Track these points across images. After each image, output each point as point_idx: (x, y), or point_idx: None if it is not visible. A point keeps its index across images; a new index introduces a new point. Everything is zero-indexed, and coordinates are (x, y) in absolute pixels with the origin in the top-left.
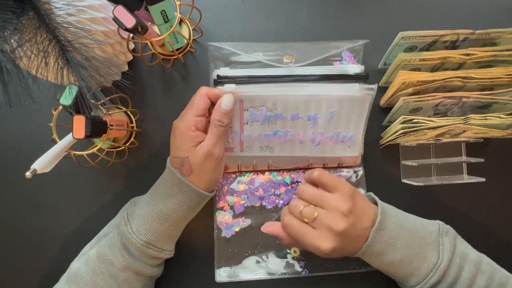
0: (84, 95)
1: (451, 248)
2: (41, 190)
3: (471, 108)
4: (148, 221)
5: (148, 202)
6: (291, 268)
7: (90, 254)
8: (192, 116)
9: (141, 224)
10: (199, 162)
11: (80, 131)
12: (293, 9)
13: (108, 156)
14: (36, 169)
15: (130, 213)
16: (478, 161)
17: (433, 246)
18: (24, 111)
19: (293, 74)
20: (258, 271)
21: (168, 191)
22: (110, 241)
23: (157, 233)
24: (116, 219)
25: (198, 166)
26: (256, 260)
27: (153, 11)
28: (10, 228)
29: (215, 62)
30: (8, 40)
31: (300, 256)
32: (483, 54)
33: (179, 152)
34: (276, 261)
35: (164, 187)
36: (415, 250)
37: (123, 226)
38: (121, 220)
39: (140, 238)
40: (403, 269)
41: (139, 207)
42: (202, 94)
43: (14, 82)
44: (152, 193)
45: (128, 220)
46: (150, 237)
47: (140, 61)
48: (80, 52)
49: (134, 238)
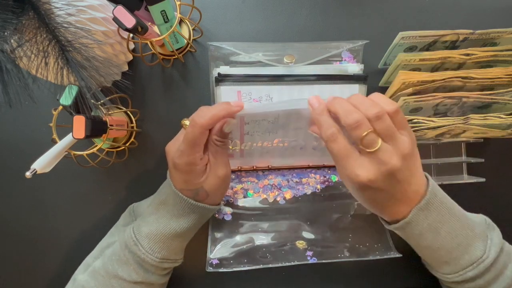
0: (84, 95)
1: (500, 245)
2: (41, 190)
3: (471, 108)
4: (161, 239)
5: (157, 220)
6: (297, 256)
7: (97, 267)
8: (193, 154)
9: (154, 243)
10: (214, 187)
11: (80, 131)
12: (293, 9)
13: (108, 156)
14: (36, 169)
15: (137, 230)
16: (478, 161)
17: (480, 239)
18: (24, 111)
19: (293, 73)
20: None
21: (180, 212)
22: (119, 257)
23: (170, 248)
24: (119, 231)
25: (214, 190)
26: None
27: (153, 11)
28: (10, 228)
29: (215, 62)
30: (8, 40)
31: (307, 246)
32: (483, 54)
33: (190, 186)
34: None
35: (173, 206)
36: (459, 239)
37: (134, 246)
38: (130, 239)
39: (155, 256)
40: (438, 256)
41: (146, 224)
42: (199, 127)
43: (14, 82)
44: (159, 209)
45: (138, 240)
46: (164, 253)
47: (140, 61)
48: (80, 52)
49: (149, 257)
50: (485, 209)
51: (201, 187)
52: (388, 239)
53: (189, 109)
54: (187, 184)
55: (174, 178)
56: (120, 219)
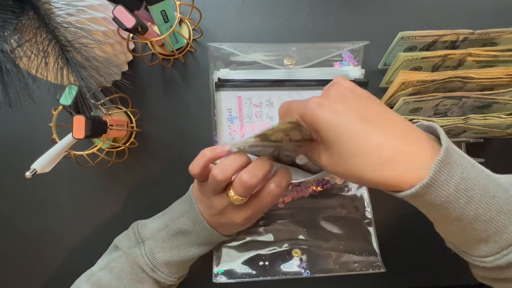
0: (84, 95)
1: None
2: (41, 190)
3: (471, 108)
4: (181, 265)
5: (176, 248)
6: (293, 268)
7: (102, 281)
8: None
9: (172, 268)
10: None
11: (80, 131)
12: (293, 9)
13: (108, 156)
14: (36, 169)
15: (151, 256)
16: (478, 161)
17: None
18: (24, 111)
19: (294, 78)
20: (257, 270)
21: (204, 241)
22: (131, 277)
23: (186, 267)
24: (126, 253)
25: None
26: (256, 257)
27: (153, 11)
28: (10, 228)
29: (215, 62)
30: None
31: (302, 256)
32: (483, 53)
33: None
34: (278, 261)
35: (197, 236)
36: (498, 203)
37: (152, 272)
38: (145, 265)
39: (174, 277)
40: (473, 230)
41: (161, 251)
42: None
43: (14, 82)
44: (177, 237)
45: (155, 267)
46: (181, 273)
47: (140, 61)
48: (80, 52)
49: (169, 279)
50: None
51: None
52: (376, 250)
53: (189, 109)
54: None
55: (210, 216)
56: (122, 237)
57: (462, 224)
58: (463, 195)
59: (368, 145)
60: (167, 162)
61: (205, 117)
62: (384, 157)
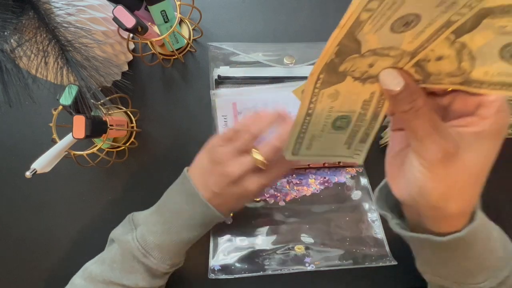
0: (84, 95)
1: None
2: (41, 190)
3: None
4: (171, 250)
5: (168, 231)
6: (296, 262)
7: (93, 273)
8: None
9: (165, 254)
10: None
11: (80, 131)
12: (293, 9)
13: (108, 156)
14: (36, 169)
15: (142, 240)
16: None
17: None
18: (24, 111)
19: (293, 75)
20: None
21: (196, 223)
22: (123, 266)
23: (179, 254)
24: (119, 240)
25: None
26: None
27: (153, 11)
28: (10, 227)
29: (215, 62)
30: (8, 40)
31: (305, 251)
32: None
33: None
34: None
35: (190, 218)
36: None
37: (144, 258)
38: (137, 250)
39: (167, 264)
40: (485, 260)
41: (152, 234)
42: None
43: (14, 82)
44: (170, 219)
45: (147, 251)
46: (174, 260)
47: (140, 61)
48: (80, 52)
49: (161, 266)
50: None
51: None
52: (385, 243)
53: (189, 109)
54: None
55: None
56: (118, 227)
57: (479, 258)
58: (487, 234)
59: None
60: (167, 162)
61: (205, 117)
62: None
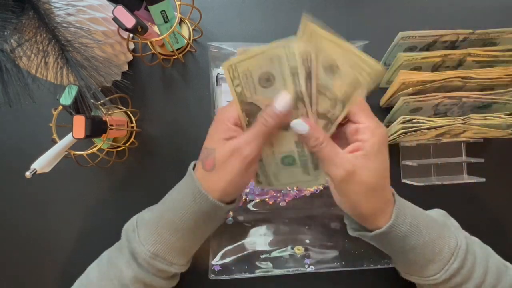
0: (84, 95)
1: (459, 228)
2: (41, 190)
3: (471, 108)
4: (156, 230)
5: (159, 209)
6: (296, 263)
7: (103, 255)
8: (237, 109)
9: (149, 233)
10: (223, 157)
11: (80, 131)
12: (293, 9)
13: (108, 156)
14: (36, 169)
15: (141, 217)
16: (478, 161)
17: (446, 228)
18: (24, 111)
19: None
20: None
21: (181, 197)
22: (119, 244)
23: (166, 244)
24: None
25: (221, 162)
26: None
27: (153, 11)
28: (10, 227)
29: (215, 62)
30: (8, 40)
31: (305, 253)
32: (483, 53)
33: (209, 142)
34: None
35: (178, 193)
36: (436, 231)
37: (131, 232)
38: (130, 224)
39: (147, 249)
40: (425, 254)
41: (150, 213)
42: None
43: (14, 82)
44: (166, 199)
45: (137, 226)
46: (158, 248)
47: (140, 61)
48: (80, 52)
49: (141, 248)
50: (485, 209)
51: (214, 148)
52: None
53: (189, 109)
54: (208, 140)
55: (207, 135)
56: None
57: (416, 251)
58: (415, 229)
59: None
60: (167, 162)
61: (205, 117)
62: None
